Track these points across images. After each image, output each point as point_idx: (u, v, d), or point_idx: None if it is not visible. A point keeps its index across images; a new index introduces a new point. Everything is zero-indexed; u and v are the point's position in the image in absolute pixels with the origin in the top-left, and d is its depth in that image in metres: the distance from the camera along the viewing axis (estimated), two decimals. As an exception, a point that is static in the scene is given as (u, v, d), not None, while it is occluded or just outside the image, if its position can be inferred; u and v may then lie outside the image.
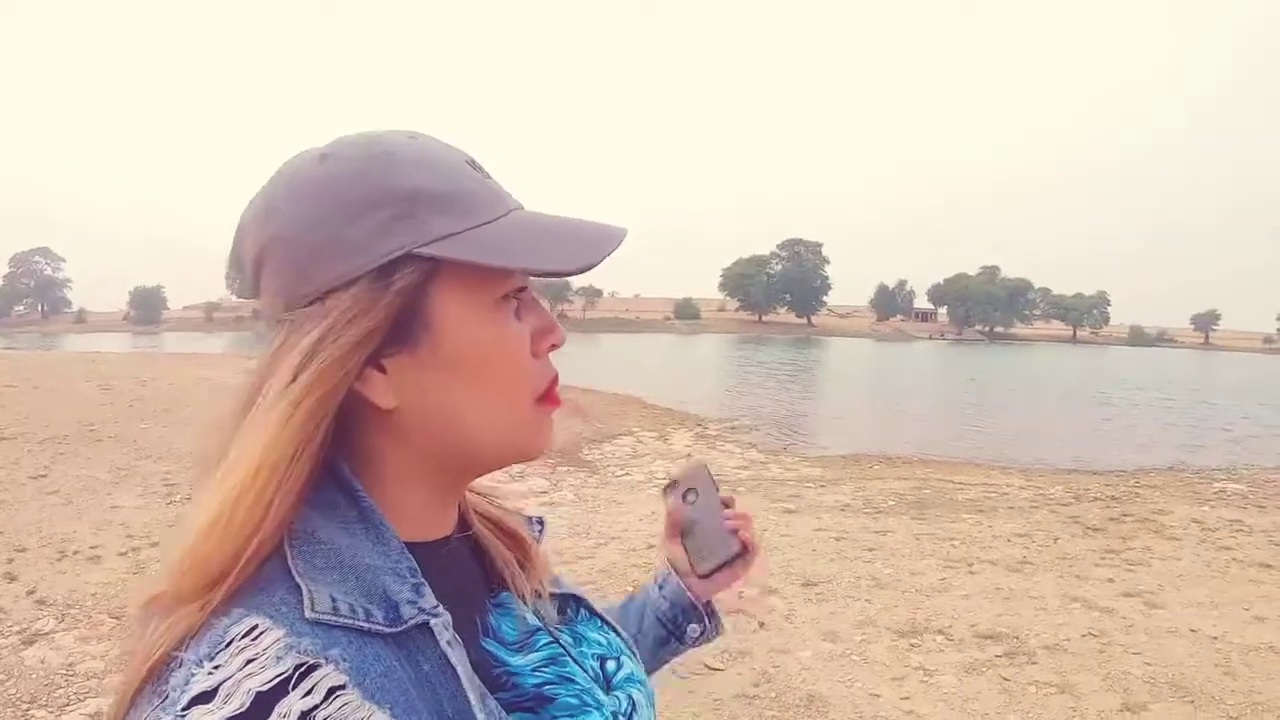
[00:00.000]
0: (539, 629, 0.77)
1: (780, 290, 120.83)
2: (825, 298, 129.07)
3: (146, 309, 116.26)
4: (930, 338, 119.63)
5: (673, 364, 44.47)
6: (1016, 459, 14.03)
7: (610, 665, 0.81)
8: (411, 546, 0.67)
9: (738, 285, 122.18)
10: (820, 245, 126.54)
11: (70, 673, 4.50)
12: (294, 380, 0.62)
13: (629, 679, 0.82)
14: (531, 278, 0.71)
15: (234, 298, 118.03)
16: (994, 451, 15.04)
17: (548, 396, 0.72)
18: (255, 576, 0.60)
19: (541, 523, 0.91)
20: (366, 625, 0.59)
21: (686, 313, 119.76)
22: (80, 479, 8.47)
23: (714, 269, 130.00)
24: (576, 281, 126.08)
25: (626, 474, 11.06)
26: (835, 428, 18.60)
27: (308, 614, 0.58)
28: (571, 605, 0.86)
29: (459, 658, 0.63)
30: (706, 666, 4.59)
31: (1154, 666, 4.68)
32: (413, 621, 0.62)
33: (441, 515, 0.74)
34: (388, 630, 0.60)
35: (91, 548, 6.38)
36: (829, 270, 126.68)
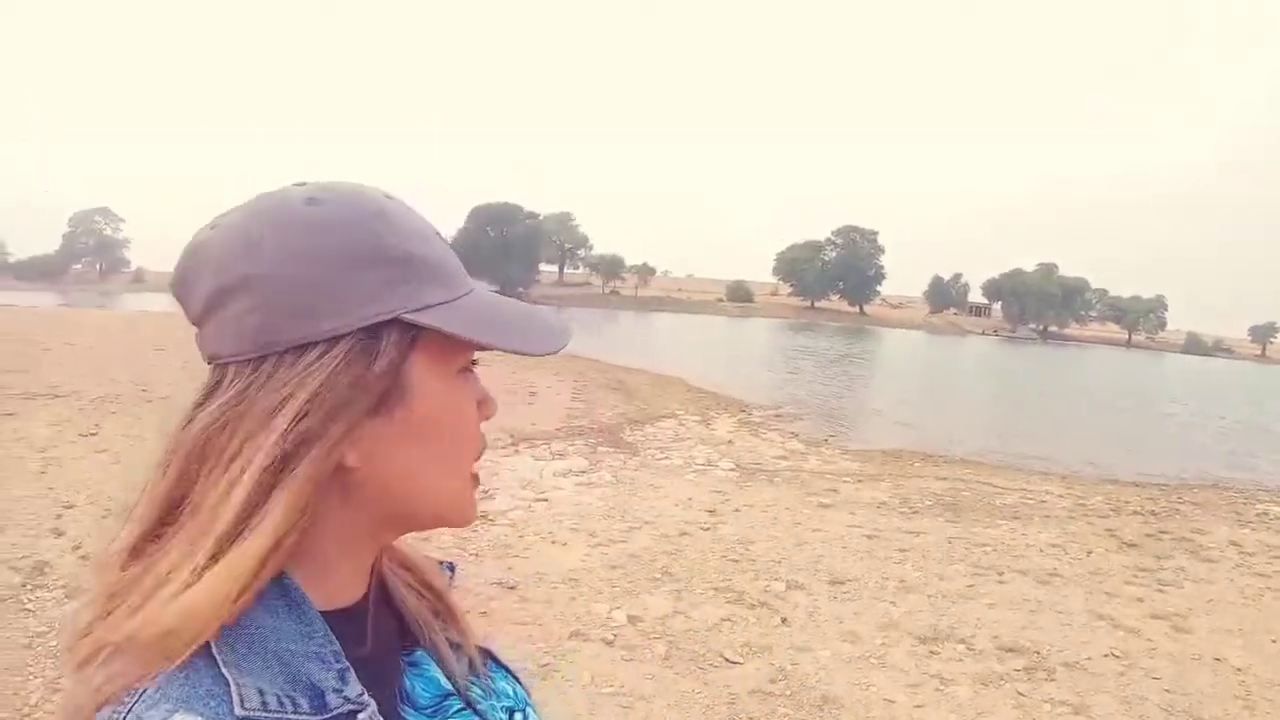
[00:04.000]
0: (451, 693, 0.78)
1: (834, 277, 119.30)
2: (879, 287, 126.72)
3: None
4: (983, 333, 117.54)
5: (721, 346, 44.16)
6: (1058, 464, 13.82)
7: (518, 718, 0.83)
8: (331, 615, 0.66)
9: (791, 270, 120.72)
10: (875, 233, 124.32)
11: (110, 630, 4.59)
12: (286, 451, 0.61)
13: None
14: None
15: None
16: (1036, 455, 14.85)
17: (474, 469, 0.74)
18: (180, 665, 0.58)
19: (452, 568, 0.90)
20: (292, 717, 0.59)
21: (738, 295, 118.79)
22: (129, 438, 8.65)
23: (769, 252, 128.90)
24: (631, 258, 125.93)
25: (666, 458, 11.02)
26: (879, 422, 18.46)
27: (237, 710, 0.57)
28: (480, 655, 0.86)
29: None
30: (724, 659, 4.64)
31: (1173, 694, 4.64)
32: (338, 710, 0.62)
33: (364, 576, 0.73)
34: (313, 719, 0.60)
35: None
36: (884, 260, 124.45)
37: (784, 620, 5.28)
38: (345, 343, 0.63)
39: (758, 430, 14.50)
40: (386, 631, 0.76)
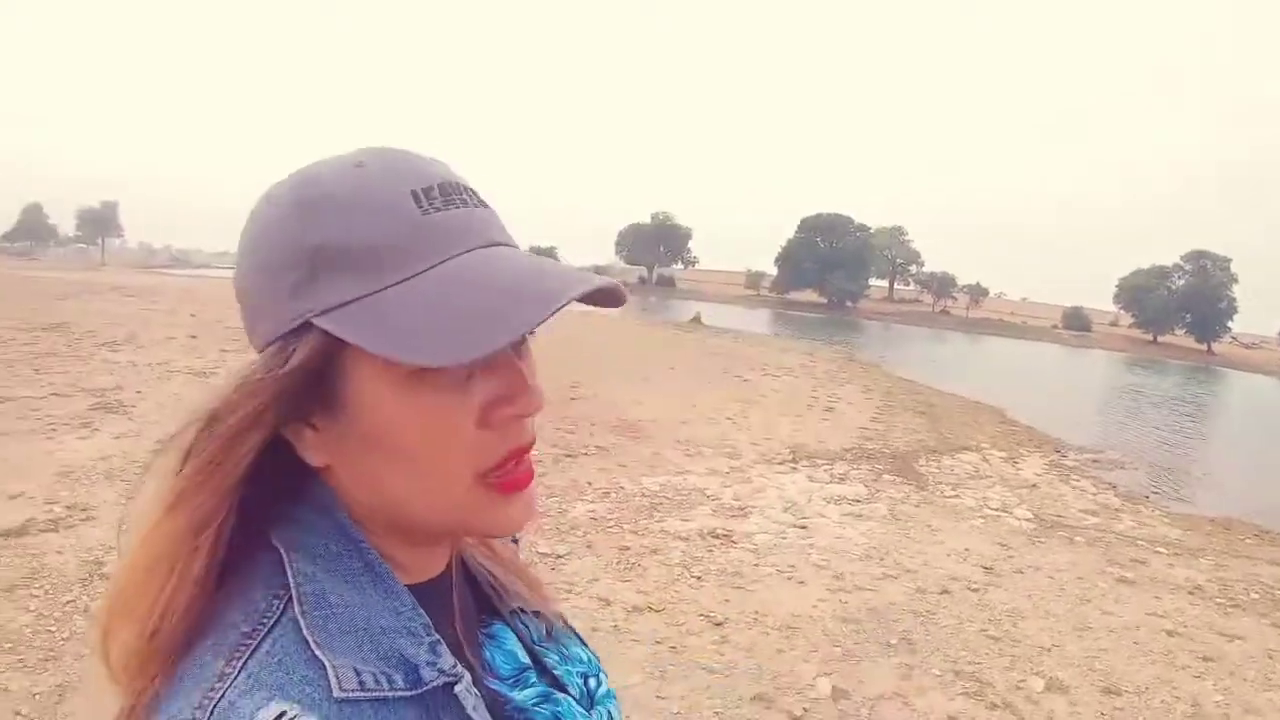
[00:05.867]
0: (528, 667, 0.75)
1: (1179, 309, 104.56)
2: (1230, 323, 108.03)
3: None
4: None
5: (1051, 377, 40.92)
6: None
7: (592, 683, 0.80)
8: (412, 590, 0.65)
9: (1133, 298, 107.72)
10: (1228, 261, 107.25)
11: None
12: (188, 456, 0.60)
13: (607, 695, 0.81)
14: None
15: (622, 263, 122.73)
16: None
17: (499, 476, 0.63)
18: (271, 650, 0.57)
19: (515, 539, 0.90)
20: (390, 694, 0.58)
21: (1075, 323, 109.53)
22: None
23: (1110, 279, 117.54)
24: (963, 277, 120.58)
25: (956, 495, 9.91)
26: (1213, 481, 15.92)
27: (335, 693, 0.55)
28: (549, 621, 0.83)
29: (484, 717, 0.63)
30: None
31: None
32: (434, 683, 0.61)
33: (431, 558, 0.71)
34: (409, 694, 0.59)
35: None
36: (1237, 291, 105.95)
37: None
38: (271, 348, 0.60)
39: (1069, 476, 12.82)
40: (464, 603, 0.75)
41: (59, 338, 13.40)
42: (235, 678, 0.55)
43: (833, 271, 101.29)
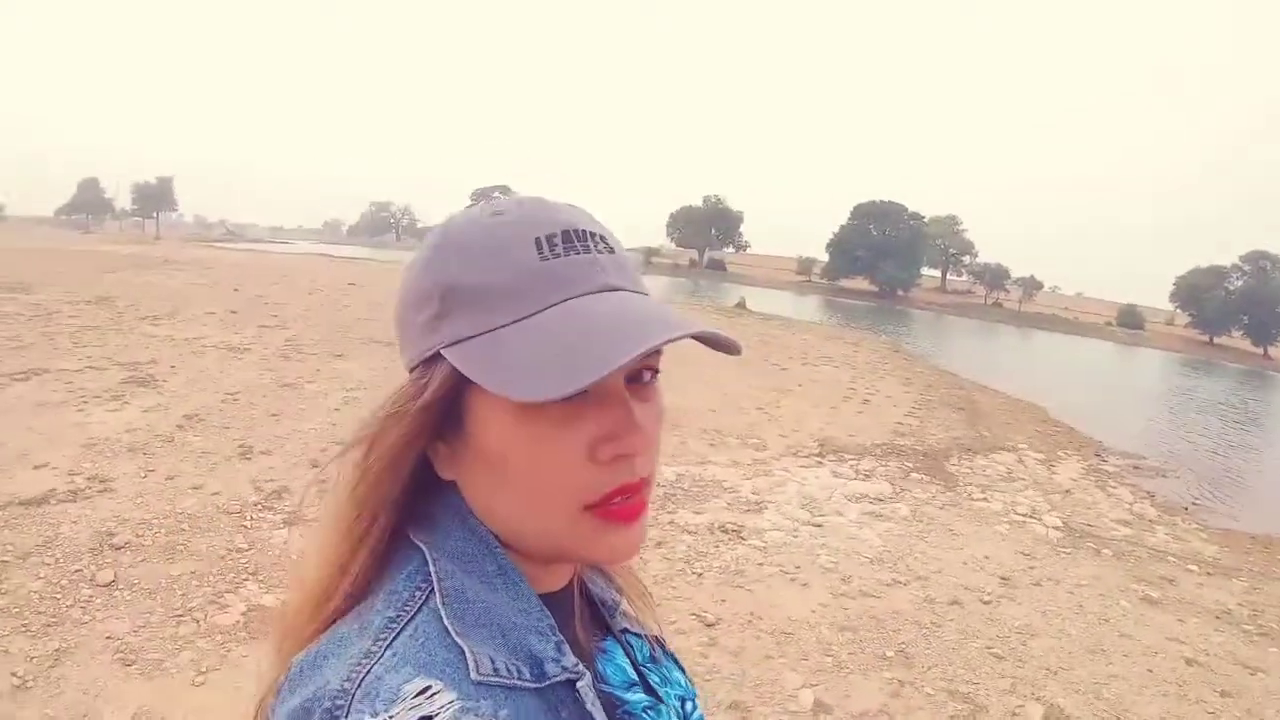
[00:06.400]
0: (636, 683, 0.79)
1: (1238, 310, 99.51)
2: None
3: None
4: None
5: (1102, 375, 39.96)
6: None
7: (688, 706, 0.84)
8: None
9: (1190, 297, 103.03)
10: None
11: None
12: (362, 452, 0.69)
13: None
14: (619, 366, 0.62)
15: (673, 245, 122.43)
16: None
17: (604, 509, 0.67)
18: (414, 634, 0.62)
19: None
20: (518, 683, 0.62)
21: (1129, 321, 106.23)
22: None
23: (1167, 277, 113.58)
24: (1017, 270, 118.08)
25: (985, 499, 9.54)
26: (1259, 495, 15.28)
27: (473, 675, 0.60)
28: (655, 645, 0.87)
29: (601, 717, 0.67)
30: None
31: None
32: (557, 679, 0.65)
33: (553, 573, 0.75)
34: (534, 686, 0.63)
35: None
36: None
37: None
38: (413, 375, 0.68)
39: (1106, 482, 12.37)
40: (583, 617, 0.80)
41: (102, 310, 13.62)
42: (381, 655, 0.60)
43: (884, 260, 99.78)
